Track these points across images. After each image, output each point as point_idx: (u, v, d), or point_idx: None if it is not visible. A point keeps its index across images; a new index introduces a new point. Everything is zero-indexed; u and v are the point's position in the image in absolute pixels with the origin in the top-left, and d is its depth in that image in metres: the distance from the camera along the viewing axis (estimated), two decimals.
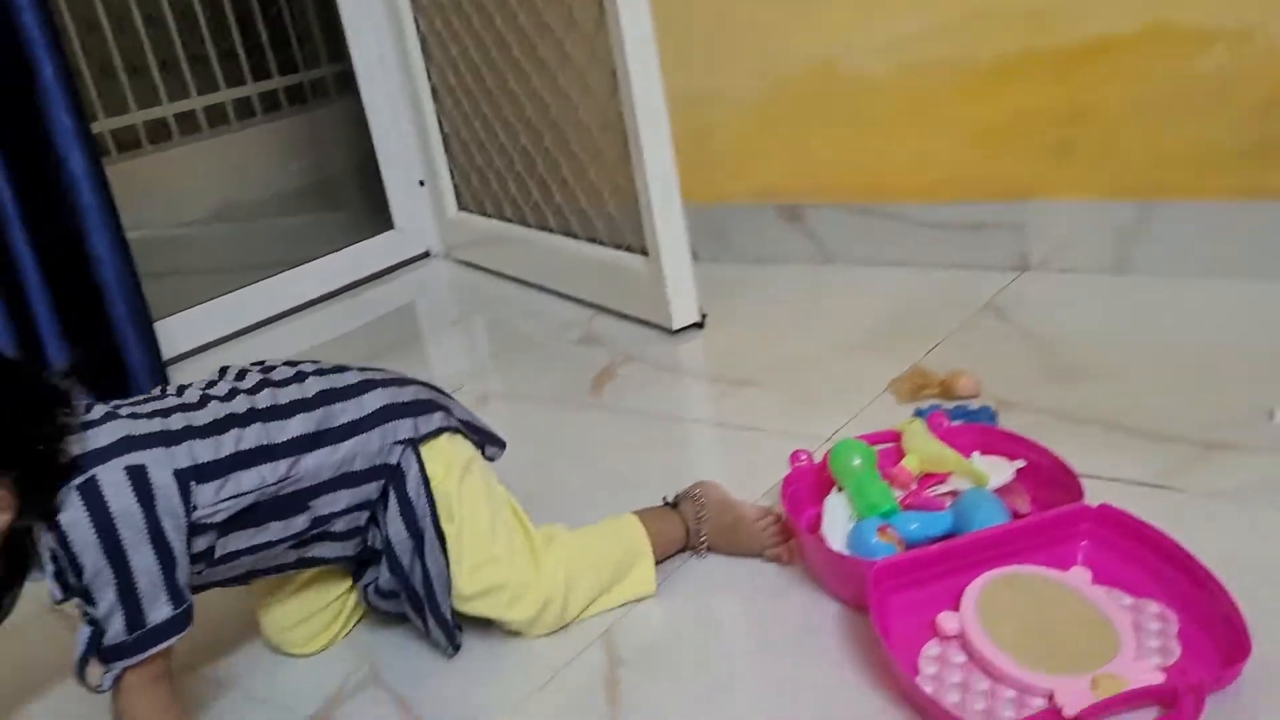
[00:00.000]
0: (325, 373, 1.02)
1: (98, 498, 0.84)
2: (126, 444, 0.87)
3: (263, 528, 0.94)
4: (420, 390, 1.06)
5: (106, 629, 0.85)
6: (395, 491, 1.00)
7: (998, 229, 1.80)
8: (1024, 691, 0.86)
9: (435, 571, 1.01)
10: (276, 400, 0.97)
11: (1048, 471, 1.10)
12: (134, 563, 0.85)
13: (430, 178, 2.45)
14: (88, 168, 1.72)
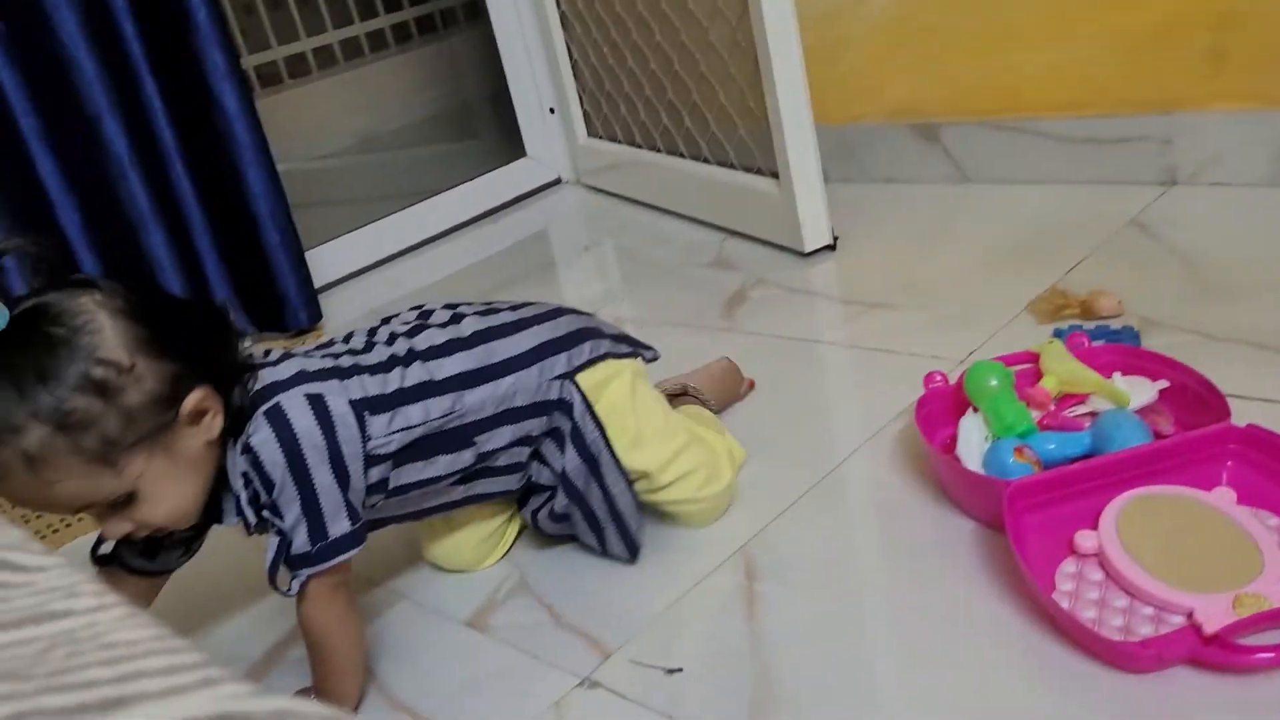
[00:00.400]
0: (481, 314, 1.08)
1: (283, 420, 0.92)
2: (303, 377, 0.95)
3: (431, 461, 1.01)
4: (572, 320, 1.11)
5: (293, 540, 0.93)
6: (563, 423, 1.06)
7: (1144, 143, 1.74)
8: (1162, 609, 0.87)
9: (616, 490, 1.07)
10: (434, 341, 1.03)
11: (1193, 392, 1.08)
12: (316, 480, 0.92)
13: (561, 105, 2.48)
14: (240, 105, 1.81)
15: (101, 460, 0.83)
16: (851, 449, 1.22)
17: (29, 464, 0.81)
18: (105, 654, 0.32)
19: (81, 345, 0.82)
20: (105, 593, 0.39)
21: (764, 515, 1.14)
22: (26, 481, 0.82)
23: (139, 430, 0.85)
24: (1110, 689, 0.83)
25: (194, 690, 0.30)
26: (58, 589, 0.39)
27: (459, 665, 1.02)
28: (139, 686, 0.30)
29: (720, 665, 0.94)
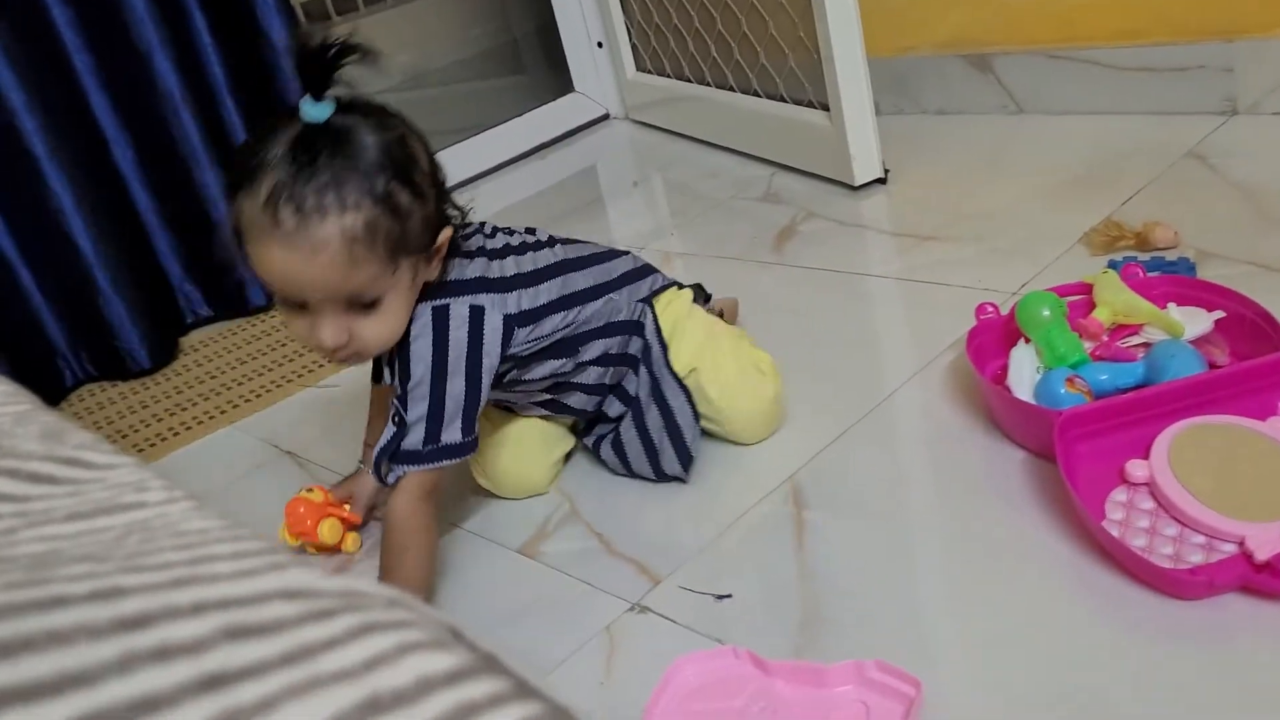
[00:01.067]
0: (566, 242, 1.14)
1: (444, 325, 0.98)
2: (480, 284, 1.01)
3: (541, 364, 1.08)
4: (634, 257, 1.20)
5: (409, 434, 0.98)
6: (638, 346, 1.12)
7: (1203, 71, 1.69)
8: (1214, 537, 0.87)
9: (676, 405, 1.12)
10: (568, 255, 1.10)
11: (1249, 322, 1.07)
12: (449, 388, 0.98)
13: (609, 39, 2.46)
14: (289, 40, 1.81)
15: (389, 258, 0.90)
16: (902, 380, 1.22)
17: (346, 242, 0.87)
18: (178, 540, 0.34)
19: (409, 148, 0.92)
20: (173, 488, 0.41)
21: (813, 445, 1.14)
22: (331, 259, 0.87)
23: (418, 244, 0.93)
24: (1160, 616, 0.83)
25: (263, 573, 0.32)
26: (128, 484, 0.41)
27: (511, 591, 1.05)
28: (211, 569, 0.32)
29: (768, 592, 0.96)
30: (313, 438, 1.44)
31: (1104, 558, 0.89)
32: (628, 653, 0.93)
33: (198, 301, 1.88)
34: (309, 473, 1.35)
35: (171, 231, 1.83)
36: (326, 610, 0.29)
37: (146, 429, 1.56)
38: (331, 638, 0.28)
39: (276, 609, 0.29)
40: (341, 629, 0.29)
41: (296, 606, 0.29)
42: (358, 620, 0.29)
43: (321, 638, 0.28)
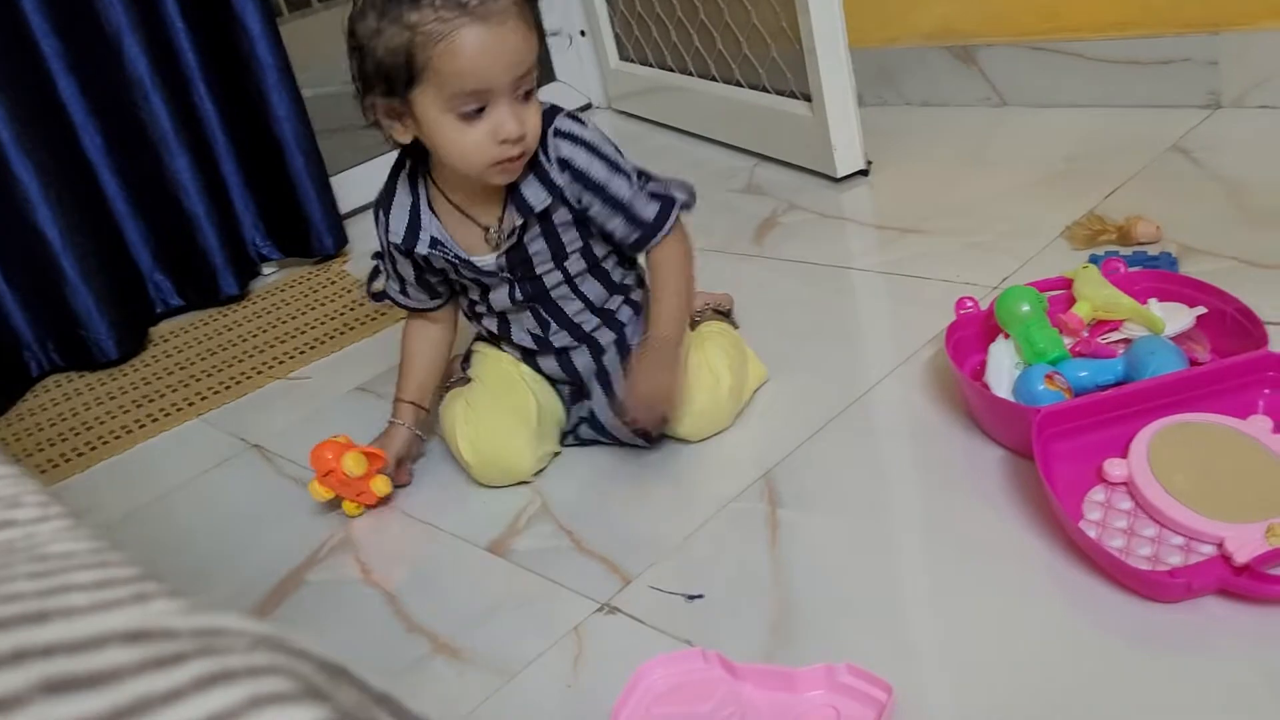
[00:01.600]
0: None
1: (577, 127, 1.11)
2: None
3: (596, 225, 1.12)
4: None
5: (652, 212, 1.12)
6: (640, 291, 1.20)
7: (1188, 64, 1.67)
8: (1192, 538, 0.85)
9: None
10: None
11: (1231, 319, 1.05)
12: (627, 165, 1.13)
13: (592, 28, 2.43)
14: (264, 26, 1.78)
15: (539, 33, 0.99)
16: (881, 375, 1.20)
17: (518, 6, 0.95)
18: (36, 566, 0.31)
19: None
20: (50, 504, 0.38)
21: (790, 441, 1.12)
22: (515, 25, 0.95)
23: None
24: (1137, 617, 0.81)
25: (124, 605, 0.29)
26: (1, 498, 0.38)
27: (480, 590, 1.02)
28: (65, 601, 0.28)
29: (741, 592, 0.94)
30: (282, 431, 1.41)
31: (1081, 558, 0.87)
32: (596, 654, 0.91)
33: (168, 291, 1.85)
34: (276, 467, 1.33)
35: (142, 220, 1.80)
36: (174, 655, 0.26)
37: (112, 420, 1.53)
38: (172, 690, 0.25)
39: (113, 655, 0.26)
40: (187, 679, 0.26)
41: (138, 651, 0.26)
42: (209, 667, 0.26)
43: (159, 690, 0.25)
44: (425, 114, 0.98)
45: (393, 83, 0.96)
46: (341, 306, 1.73)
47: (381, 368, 1.50)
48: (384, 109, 1.01)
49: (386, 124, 1.02)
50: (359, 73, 1.00)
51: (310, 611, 1.05)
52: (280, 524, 1.21)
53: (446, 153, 1.01)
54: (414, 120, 1.00)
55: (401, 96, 0.97)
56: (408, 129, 1.02)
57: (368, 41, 0.96)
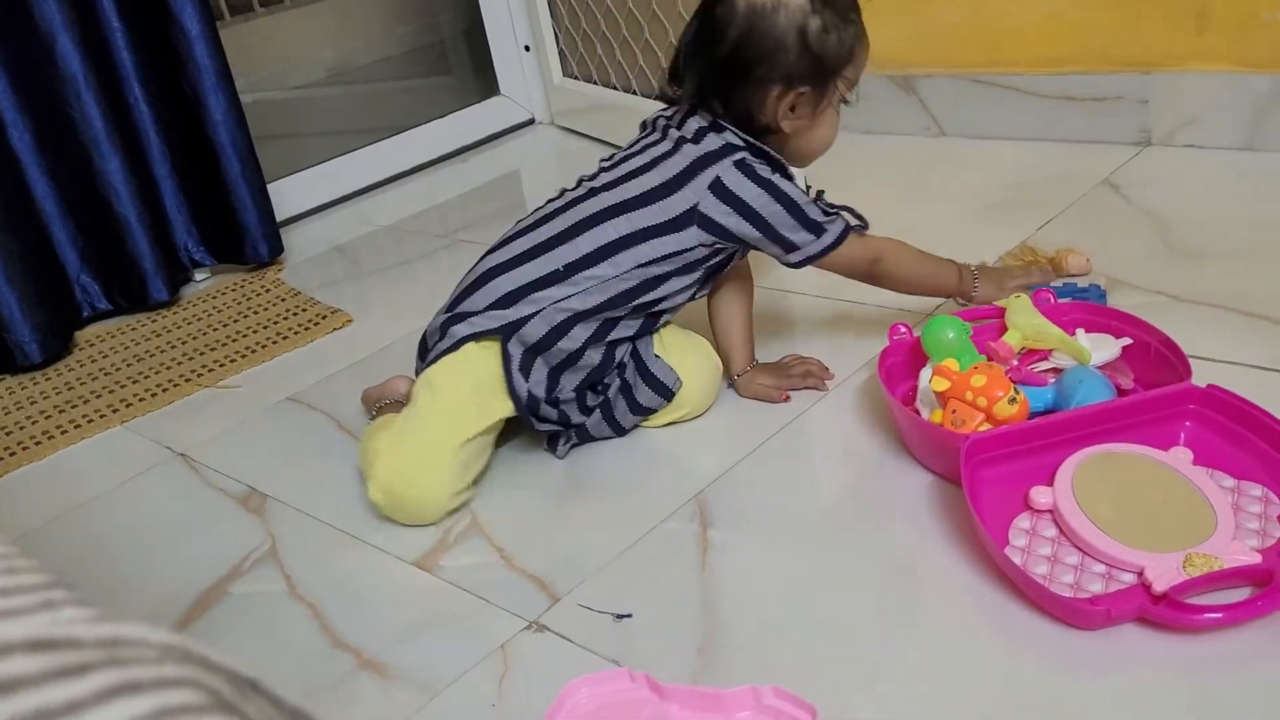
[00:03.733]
0: None
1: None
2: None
3: None
4: None
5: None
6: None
7: (1120, 102, 1.72)
8: (1114, 566, 0.87)
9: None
10: None
11: (1156, 351, 1.07)
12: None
13: (537, 43, 2.43)
14: (202, 27, 1.75)
15: None
16: (815, 399, 1.21)
17: None
18: None
19: None
20: None
21: (723, 462, 1.13)
22: None
23: None
24: (1059, 644, 0.82)
25: (30, 613, 0.28)
26: None
27: (406, 606, 1.01)
28: None
29: (670, 612, 0.93)
30: (208, 440, 1.38)
31: (1006, 584, 0.88)
32: (522, 673, 0.90)
33: (96, 295, 1.80)
34: (202, 476, 1.30)
35: (71, 221, 1.76)
36: (79, 665, 0.25)
37: (32, 425, 1.48)
38: (74, 700, 0.24)
39: (16, 664, 0.25)
40: (90, 689, 0.25)
41: (42, 660, 0.25)
42: (114, 678, 0.25)
43: (62, 700, 0.24)
44: (828, 99, 1.10)
45: (824, 71, 1.08)
46: (274, 315, 1.70)
47: (313, 378, 1.48)
48: (794, 99, 1.08)
49: (782, 114, 1.09)
50: (781, 65, 1.06)
51: (232, 625, 1.02)
52: (204, 535, 1.18)
53: (817, 136, 1.15)
54: (814, 107, 1.10)
55: (826, 83, 1.09)
56: (799, 118, 1.10)
57: (816, 38, 1.06)
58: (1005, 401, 0.99)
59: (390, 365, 1.46)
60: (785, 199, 1.11)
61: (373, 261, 1.92)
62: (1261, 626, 0.80)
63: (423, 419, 1.12)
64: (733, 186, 1.09)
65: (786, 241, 1.12)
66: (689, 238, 1.11)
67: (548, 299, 1.11)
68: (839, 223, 1.15)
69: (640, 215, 1.11)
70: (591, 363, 1.15)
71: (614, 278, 1.11)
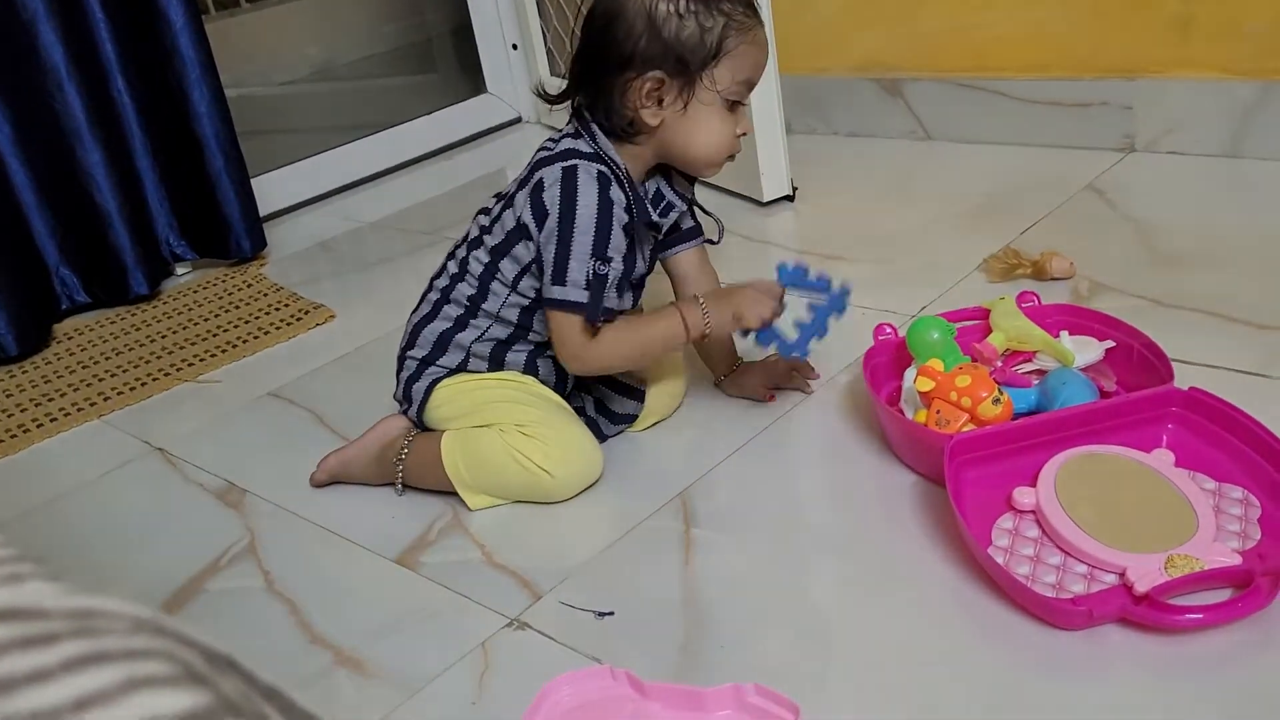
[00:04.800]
0: None
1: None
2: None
3: None
4: None
5: None
6: None
7: (1105, 108, 1.73)
8: (1096, 567, 0.87)
9: None
10: None
11: (1138, 354, 1.08)
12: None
13: (524, 42, 2.42)
14: (187, 19, 1.74)
15: None
16: (800, 398, 1.21)
17: None
18: None
19: None
20: None
21: (707, 460, 1.12)
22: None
23: None
24: (1040, 644, 0.82)
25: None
26: None
27: (386, 602, 1.00)
28: None
29: (652, 610, 0.93)
30: (187, 434, 1.37)
31: (989, 584, 0.88)
32: (502, 671, 0.89)
33: (75, 287, 1.79)
34: (180, 471, 1.28)
35: (50, 213, 1.74)
36: (46, 635, 0.25)
37: (9, 419, 1.47)
38: (40, 669, 0.24)
39: None
40: (57, 659, 0.24)
41: (10, 629, 0.25)
42: (83, 648, 0.25)
43: (27, 669, 0.23)
44: (703, 95, 1.03)
45: (687, 61, 1.02)
46: (256, 310, 1.69)
47: (295, 374, 1.47)
48: (652, 87, 1.02)
49: (642, 104, 1.03)
50: (632, 50, 1.01)
51: (208, 621, 1.01)
52: (181, 530, 1.17)
53: (697, 136, 1.05)
54: (679, 101, 1.03)
55: (691, 75, 1.02)
56: (664, 110, 1.04)
57: (665, 20, 1.01)
58: (989, 402, 0.99)
59: (373, 362, 1.45)
60: (567, 231, 1.03)
61: (356, 258, 1.91)
62: (1241, 627, 0.80)
63: (518, 407, 1.11)
64: (546, 189, 1.04)
65: (554, 270, 1.04)
66: (524, 252, 1.07)
67: (470, 338, 1.12)
68: (584, 298, 1.04)
69: (490, 238, 1.10)
70: (550, 370, 1.15)
71: (503, 306, 1.10)
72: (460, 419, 1.12)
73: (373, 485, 1.17)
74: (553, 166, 1.04)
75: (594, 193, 1.03)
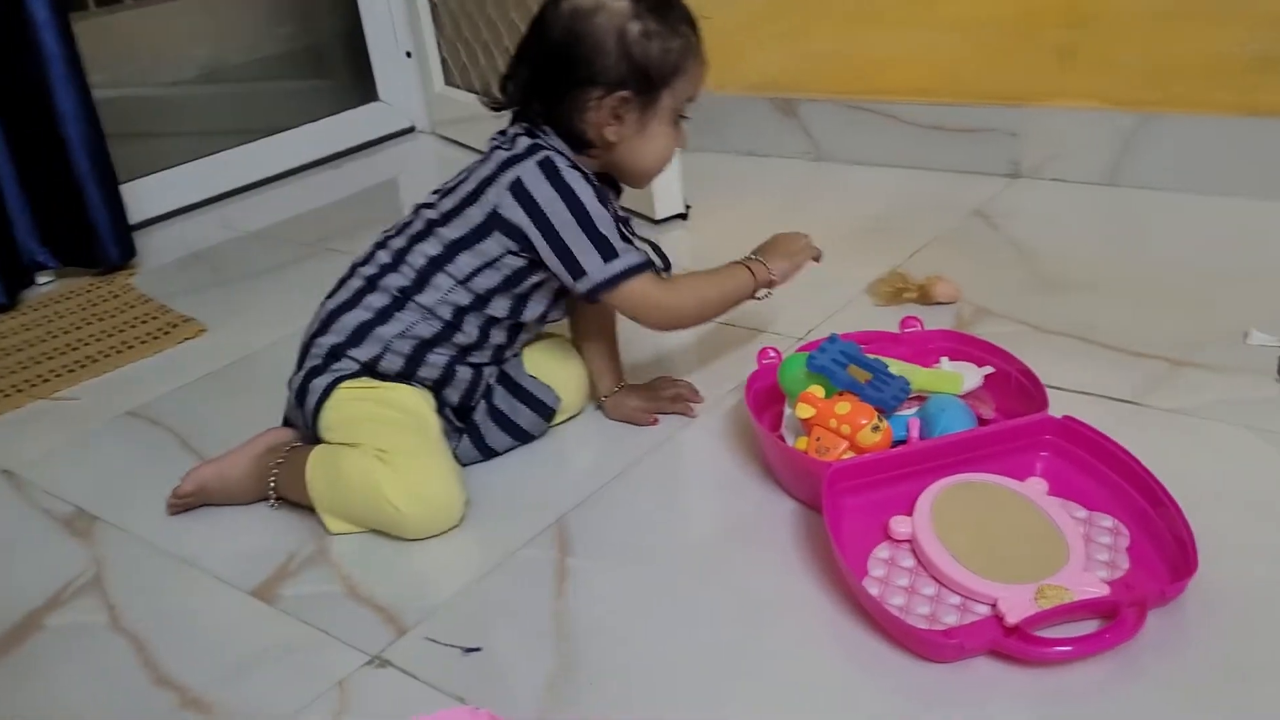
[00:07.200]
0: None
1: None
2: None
3: None
4: None
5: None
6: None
7: (991, 134, 1.75)
8: (969, 598, 0.86)
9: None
10: None
11: (1016, 381, 1.08)
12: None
13: (418, 50, 2.37)
14: (51, 13, 1.65)
15: None
16: (683, 422, 1.19)
17: None
18: None
19: None
20: None
21: (586, 486, 1.09)
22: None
23: None
24: (914, 677, 0.81)
25: None
26: None
27: (240, 639, 0.94)
28: None
29: (522, 644, 0.89)
30: (38, 456, 1.28)
31: (866, 616, 0.87)
32: (359, 712, 0.85)
33: None
34: (27, 496, 1.20)
35: None
36: None
37: None
38: None
39: None
40: None
41: None
42: None
43: None
44: (657, 112, 1.07)
45: (650, 80, 1.05)
46: (121, 323, 1.61)
47: (159, 391, 1.40)
48: (615, 104, 1.04)
49: (605, 121, 1.05)
50: (600, 68, 1.03)
51: (45, 661, 0.94)
52: (22, 561, 1.09)
53: (648, 150, 1.09)
54: (639, 118, 1.06)
55: (654, 93, 1.05)
56: (624, 127, 1.06)
57: (634, 42, 1.03)
58: (869, 429, 0.98)
59: (245, 378, 1.39)
60: (580, 209, 1.04)
61: (234, 269, 1.83)
62: (1111, 658, 0.80)
63: (388, 430, 1.06)
64: (530, 186, 1.03)
65: (573, 262, 1.04)
66: (493, 247, 1.05)
67: (392, 332, 1.07)
68: (635, 253, 1.07)
69: (447, 230, 1.07)
70: (459, 391, 1.11)
71: (440, 301, 1.07)
72: (341, 428, 1.07)
73: (241, 505, 1.11)
74: (527, 162, 1.04)
75: (579, 177, 1.05)
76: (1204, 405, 1.10)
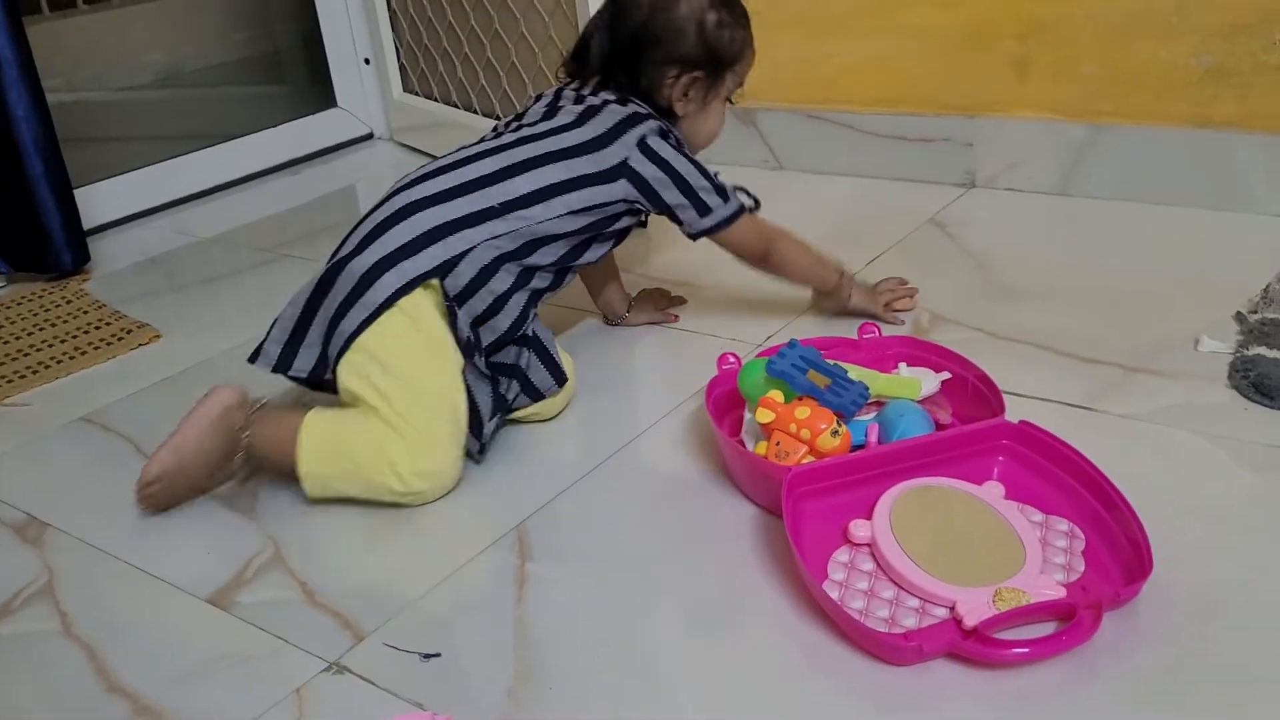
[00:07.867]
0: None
1: None
2: None
3: None
4: None
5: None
6: None
7: (947, 144, 1.77)
8: (927, 601, 0.86)
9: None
10: None
11: (972, 386, 1.09)
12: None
13: (377, 56, 2.36)
14: (3, 18, 1.63)
15: None
16: (645, 427, 1.19)
17: None
18: None
19: None
20: None
21: (547, 492, 1.09)
22: None
23: None
24: (874, 681, 0.81)
25: None
26: None
27: (194, 646, 0.93)
28: None
29: (481, 650, 0.89)
30: None
31: (826, 620, 0.87)
32: (317, 718, 0.84)
33: None
34: None
35: None
36: None
37: None
38: None
39: None
40: None
41: None
42: None
43: None
44: (718, 91, 1.25)
45: (719, 63, 1.22)
46: (74, 328, 1.58)
47: (112, 397, 1.38)
48: (688, 83, 1.22)
49: (676, 95, 1.23)
50: (682, 51, 1.21)
51: None
52: None
53: (705, 126, 1.28)
54: (704, 95, 1.24)
55: (719, 75, 1.23)
56: (690, 102, 1.24)
57: (712, 30, 1.21)
58: (828, 434, 0.99)
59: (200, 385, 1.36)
60: (695, 162, 1.22)
61: (190, 275, 1.81)
62: (1068, 660, 0.81)
63: (410, 392, 1.07)
64: (656, 148, 1.19)
65: (701, 203, 1.22)
66: (618, 189, 1.18)
67: (479, 236, 1.13)
68: (737, 198, 1.26)
69: (578, 163, 1.17)
70: (509, 319, 1.16)
71: (545, 220, 1.16)
72: (373, 364, 1.08)
73: (205, 486, 1.12)
74: (650, 123, 1.21)
75: (678, 140, 1.24)
76: (1157, 411, 1.11)
